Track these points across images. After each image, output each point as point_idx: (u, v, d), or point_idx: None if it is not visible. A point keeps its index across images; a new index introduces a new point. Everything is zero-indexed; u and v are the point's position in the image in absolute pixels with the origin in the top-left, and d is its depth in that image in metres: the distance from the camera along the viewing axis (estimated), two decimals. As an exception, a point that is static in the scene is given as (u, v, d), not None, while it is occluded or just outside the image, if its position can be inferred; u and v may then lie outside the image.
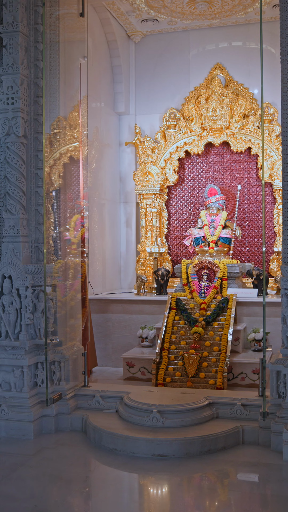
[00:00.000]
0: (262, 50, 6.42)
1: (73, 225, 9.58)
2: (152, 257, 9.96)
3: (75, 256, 8.75)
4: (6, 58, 6.48)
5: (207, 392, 6.68)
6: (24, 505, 4.70)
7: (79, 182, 10.28)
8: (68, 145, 10.02)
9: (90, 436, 6.11)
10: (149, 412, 6.02)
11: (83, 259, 8.42)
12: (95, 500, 4.93)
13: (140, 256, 10.33)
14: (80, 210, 9.70)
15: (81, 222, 9.68)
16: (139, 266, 10.31)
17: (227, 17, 9.83)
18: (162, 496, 4.96)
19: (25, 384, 6.38)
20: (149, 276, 10.03)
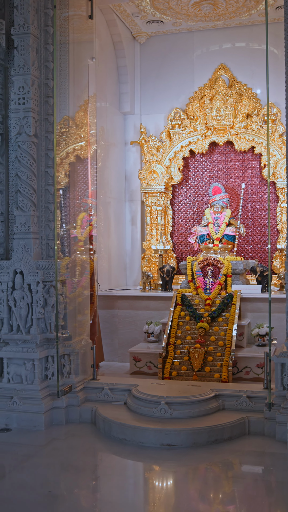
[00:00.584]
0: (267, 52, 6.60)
1: (79, 223, 9.76)
2: (157, 254, 10.14)
3: (82, 253, 8.93)
4: (18, 59, 6.66)
5: (213, 385, 6.85)
6: (39, 491, 4.88)
7: (85, 180, 10.47)
8: (74, 144, 10.20)
9: (99, 427, 6.29)
10: (157, 403, 6.20)
11: (90, 256, 8.60)
12: (105, 486, 5.10)
13: (145, 254, 10.50)
14: (87, 208, 9.88)
15: (88, 220, 9.86)
16: (144, 263, 10.49)
17: (231, 18, 10.00)
18: (170, 483, 5.13)
19: (36, 376, 6.55)
20: (154, 273, 10.20)
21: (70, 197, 9.62)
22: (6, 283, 6.61)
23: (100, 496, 4.93)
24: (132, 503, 4.83)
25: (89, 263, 8.42)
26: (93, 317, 8.14)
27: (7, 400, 6.55)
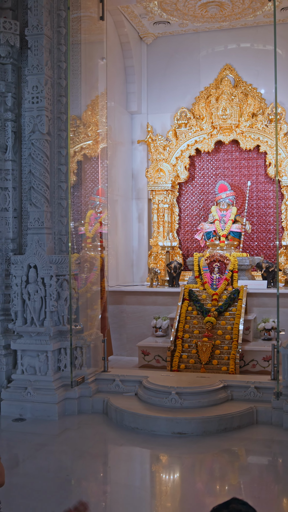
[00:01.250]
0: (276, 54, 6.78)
1: (87, 220, 9.94)
2: (164, 251, 10.31)
3: (90, 249, 9.11)
4: (31, 59, 6.84)
5: (221, 377, 7.03)
6: (57, 475, 5.06)
7: (92, 179, 10.65)
8: (82, 143, 10.38)
9: (111, 417, 6.47)
10: (167, 393, 6.38)
11: (98, 252, 8.77)
12: (118, 471, 5.28)
13: (152, 250, 10.68)
14: (95, 206, 10.06)
15: (96, 217, 10.04)
16: (151, 260, 10.66)
17: (237, 19, 10.18)
18: (182, 468, 5.30)
19: (49, 368, 6.73)
20: (161, 269, 10.37)
21: (77, 195, 9.81)
22: (20, 277, 6.79)
23: (113, 479, 5.10)
24: (142, 486, 5.01)
25: (97, 259, 8.59)
26: (103, 311, 8.31)
27: (21, 391, 6.73)
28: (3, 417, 6.67)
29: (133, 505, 4.50)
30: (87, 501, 2.66)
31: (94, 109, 10.15)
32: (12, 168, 7.22)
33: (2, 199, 7.18)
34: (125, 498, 4.63)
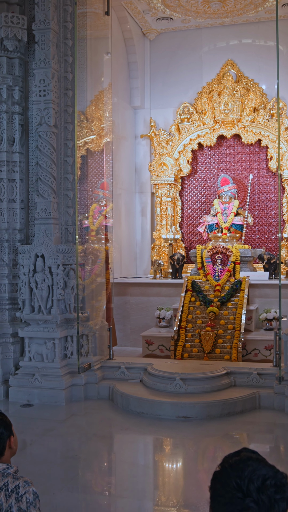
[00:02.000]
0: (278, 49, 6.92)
1: (91, 213, 10.10)
2: (167, 243, 10.47)
3: (94, 242, 9.26)
4: (39, 53, 6.99)
5: (224, 364, 7.19)
6: (66, 455, 5.22)
7: (95, 173, 10.80)
8: (85, 138, 10.53)
9: (117, 402, 6.62)
10: (172, 379, 6.53)
11: (102, 245, 8.92)
12: (125, 451, 5.44)
13: (155, 243, 10.83)
14: (98, 199, 10.22)
15: (99, 210, 10.20)
16: (154, 252, 10.81)
17: (239, 15, 10.32)
18: (185, 450, 5.46)
19: (56, 355, 6.89)
20: (164, 262, 10.52)
21: (81, 189, 9.95)
22: (27, 266, 6.95)
23: (119, 458, 5.26)
24: (146, 464, 5.17)
25: (101, 251, 8.74)
26: (108, 302, 8.46)
27: (29, 377, 6.89)
28: (11, 403, 6.82)
29: (138, 480, 4.68)
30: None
31: (98, 104, 10.30)
32: (20, 160, 7.37)
33: (10, 191, 7.34)
34: (131, 475, 4.80)
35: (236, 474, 1.57)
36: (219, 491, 1.59)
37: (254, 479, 1.55)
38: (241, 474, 1.56)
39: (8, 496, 2.46)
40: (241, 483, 1.54)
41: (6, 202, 7.29)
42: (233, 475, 1.57)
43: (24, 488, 2.49)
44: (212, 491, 1.63)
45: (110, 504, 4.36)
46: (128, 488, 4.60)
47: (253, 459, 1.62)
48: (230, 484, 1.56)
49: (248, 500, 1.52)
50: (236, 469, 1.59)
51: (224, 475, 1.60)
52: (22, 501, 2.45)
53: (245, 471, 1.57)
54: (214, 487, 1.62)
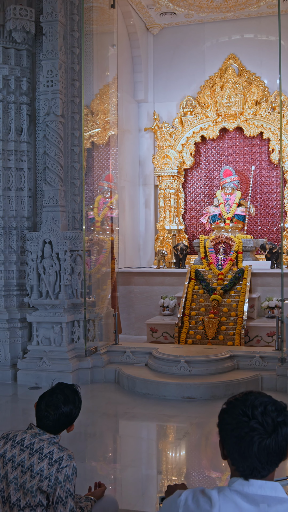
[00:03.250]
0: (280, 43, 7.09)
1: (96, 204, 10.28)
2: (170, 234, 10.64)
3: (99, 233, 9.44)
4: (46, 45, 7.16)
5: (228, 348, 7.36)
6: (76, 430, 5.36)
7: (100, 165, 10.97)
8: (90, 131, 10.69)
9: (123, 385, 6.79)
10: (177, 362, 6.70)
11: (107, 235, 9.09)
12: (130, 427, 5.62)
13: (158, 235, 11.01)
14: (103, 191, 10.39)
15: (104, 202, 10.37)
16: (157, 244, 10.99)
17: (241, 10, 10.49)
18: (189, 427, 5.63)
19: (63, 339, 7.06)
20: (168, 252, 10.69)
21: (86, 182, 10.12)
22: (35, 253, 7.12)
23: (124, 433, 5.45)
24: (149, 437, 5.34)
25: (106, 242, 8.91)
26: (113, 291, 8.63)
27: (37, 361, 7.06)
28: (19, 386, 6.99)
29: (141, 452, 4.87)
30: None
31: (103, 97, 10.47)
32: (27, 150, 7.54)
33: (18, 179, 7.51)
34: (137, 447, 4.99)
35: (241, 403, 1.75)
36: (226, 420, 1.77)
37: (257, 405, 1.73)
38: (245, 403, 1.74)
39: (51, 465, 2.58)
40: (246, 409, 1.73)
41: (14, 191, 7.46)
42: (238, 405, 1.76)
43: (66, 462, 2.60)
44: (220, 423, 1.81)
45: (117, 472, 4.53)
46: (136, 459, 4.78)
47: (254, 392, 1.82)
48: (236, 412, 1.74)
49: (253, 422, 1.70)
50: (241, 400, 1.78)
51: (230, 407, 1.78)
52: (61, 473, 2.57)
53: (248, 400, 1.76)
54: (221, 418, 1.80)
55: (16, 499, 2.59)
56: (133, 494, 4.09)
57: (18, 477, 2.59)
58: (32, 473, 2.56)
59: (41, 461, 2.56)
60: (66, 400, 2.76)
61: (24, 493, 2.57)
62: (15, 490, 2.59)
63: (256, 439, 1.69)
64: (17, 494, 2.58)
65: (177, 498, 1.81)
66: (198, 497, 1.75)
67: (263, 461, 1.70)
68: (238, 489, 1.72)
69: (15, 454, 2.62)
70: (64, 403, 2.74)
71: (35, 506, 2.57)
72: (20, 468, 2.59)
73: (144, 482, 4.44)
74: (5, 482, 2.61)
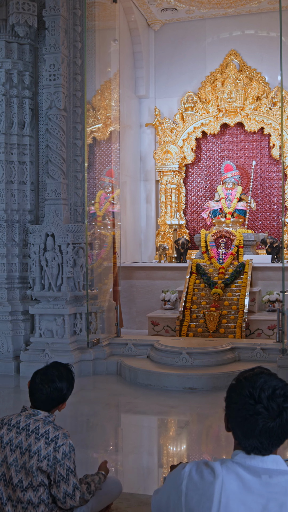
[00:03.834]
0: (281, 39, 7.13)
1: (97, 199, 10.33)
2: (171, 229, 10.69)
3: (100, 227, 9.49)
4: (49, 39, 7.20)
5: (229, 340, 7.41)
6: (79, 419, 5.45)
7: (101, 161, 11.02)
8: (91, 126, 10.75)
9: (125, 376, 6.84)
10: (178, 354, 6.75)
11: (109, 230, 9.15)
12: (132, 416, 5.66)
13: (160, 230, 11.06)
14: (104, 186, 10.44)
15: (105, 197, 10.43)
16: (158, 239, 11.04)
17: (242, 6, 10.53)
18: (190, 416, 5.68)
19: (66, 331, 7.11)
20: (169, 247, 10.75)
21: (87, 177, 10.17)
22: (38, 245, 7.16)
23: (126, 422, 5.50)
24: (149, 426, 5.39)
25: (108, 236, 8.96)
26: (114, 285, 8.67)
27: (39, 352, 7.10)
28: (22, 378, 7.04)
29: (143, 439, 4.94)
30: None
31: (104, 93, 10.52)
32: (30, 143, 7.59)
33: (20, 173, 7.55)
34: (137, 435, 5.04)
35: (249, 385, 1.78)
36: (234, 399, 1.81)
37: (265, 388, 1.76)
38: (254, 385, 1.78)
39: (47, 444, 2.65)
40: (254, 392, 1.76)
41: (17, 184, 7.51)
42: (246, 385, 1.79)
43: (62, 440, 2.68)
44: (227, 400, 1.85)
45: (120, 459, 4.59)
46: (138, 446, 4.84)
47: (265, 373, 1.85)
48: (243, 392, 1.78)
49: (259, 406, 1.74)
50: (250, 380, 1.80)
51: (239, 386, 1.82)
52: (58, 452, 2.65)
53: (258, 382, 1.78)
54: (229, 396, 1.84)
55: (18, 480, 2.65)
56: (136, 479, 4.14)
57: (17, 459, 2.66)
58: (30, 453, 2.63)
59: (37, 441, 2.64)
60: (60, 375, 2.84)
61: (25, 474, 2.64)
62: (16, 472, 2.65)
63: (260, 422, 1.73)
64: (18, 476, 2.65)
65: (181, 470, 1.85)
66: (202, 469, 1.80)
67: (265, 443, 1.74)
68: (240, 461, 1.77)
69: (12, 437, 2.69)
70: (59, 378, 2.82)
71: (37, 486, 2.64)
72: (19, 450, 2.66)
73: (146, 468, 4.49)
74: (5, 465, 2.68)
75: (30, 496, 2.64)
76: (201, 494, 1.73)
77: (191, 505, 1.75)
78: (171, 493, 1.86)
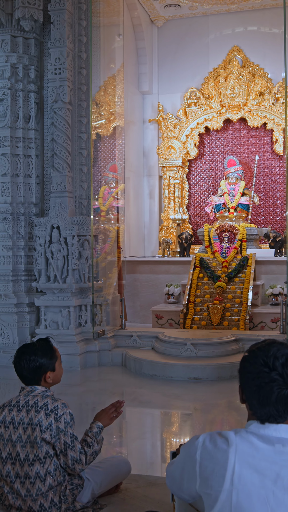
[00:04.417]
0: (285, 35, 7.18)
1: (101, 195, 10.38)
2: (175, 224, 10.75)
3: (104, 222, 9.54)
4: (54, 33, 7.26)
5: (233, 332, 7.46)
6: (85, 407, 5.51)
7: (105, 157, 11.07)
8: (95, 122, 10.80)
9: (130, 367, 6.90)
10: (183, 344, 6.80)
11: (112, 225, 9.20)
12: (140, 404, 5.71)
13: (163, 225, 11.11)
14: (108, 181, 10.50)
15: (109, 192, 10.48)
16: (162, 234, 11.09)
17: (245, 2, 10.59)
18: (194, 405, 5.74)
19: (71, 322, 7.17)
20: (173, 241, 10.80)
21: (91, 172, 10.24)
22: (43, 237, 7.22)
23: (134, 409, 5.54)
24: (153, 412, 5.44)
25: (111, 231, 9.02)
26: (118, 279, 8.72)
27: (45, 344, 7.15)
28: (28, 369, 7.08)
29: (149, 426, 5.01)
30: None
31: (107, 89, 10.58)
32: (35, 137, 7.65)
33: (26, 166, 7.61)
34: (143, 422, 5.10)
35: (263, 354, 1.84)
36: (247, 369, 1.86)
37: (278, 356, 1.82)
38: (267, 353, 1.83)
39: (47, 415, 2.74)
40: (268, 360, 1.82)
41: (22, 177, 7.57)
42: (260, 355, 1.84)
43: (62, 410, 2.77)
44: (241, 370, 1.90)
45: (126, 444, 4.64)
46: (144, 432, 4.90)
47: (276, 342, 1.90)
48: (257, 362, 1.83)
49: (273, 373, 1.79)
50: (263, 350, 1.86)
51: (252, 356, 1.87)
52: (60, 421, 2.74)
53: (271, 351, 1.84)
54: (243, 366, 1.89)
55: (25, 455, 2.75)
56: (142, 462, 4.20)
57: (21, 435, 2.75)
58: (33, 426, 2.73)
59: (38, 414, 2.74)
60: (34, 349, 2.92)
61: (31, 447, 2.73)
62: (22, 447, 2.75)
63: (276, 389, 1.78)
64: (25, 450, 2.74)
65: (195, 440, 1.91)
66: (215, 438, 1.85)
67: (280, 410, 1.79)
68: (254, 430, 1.82)
69: (13, 416, 2.80)
70: (33, 351, 2.90)
71: (44, 458, 2.73)
72: (22, 426, 2.76)
73: (152, 453, 4.55)
74: (11, 444, 2.78)
75: (37, 469, 2.73)
76: (215, 462, 1.78)
77: (206, 473, 1.81)
78: (186, 463, 1.91)
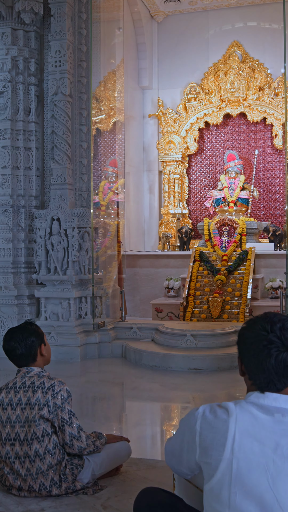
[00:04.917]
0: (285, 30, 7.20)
1: (101, 189, 10.41)
2: (175, 218, 10.77)
3: (104, 217, 9.56)
4: (54, 25, 7.28)
5: (232, 324, 7.48)
6: (87, 396, 5.53)
7: (105, 152, 11.09)
8: (94, 117, 10.81)
9: (130, 358, 6.92)
10: (183, 336, 6.82)
11: (112, 219, 9.22)
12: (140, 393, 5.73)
13: (163, 219, 11.13)
14: (108, 176, 10.51)
15: (109, 186, 10.51)
16: (162, 228, 11.12)
17: (245, -3, 10.61)
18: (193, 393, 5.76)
19: (71, 314, 7.19)
20: (172, 236, 10.82)
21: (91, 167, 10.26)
22: (44, 229, 7.24)
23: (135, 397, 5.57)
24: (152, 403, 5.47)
25: (111, 225, 9.04)
26: (118, 273, 8.74)
27: (45, 335, 7.17)
28: (28, 360, 7.10)
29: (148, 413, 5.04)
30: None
31: (107, 84, 10.59)
32: (35, 130, 7.67)
33: (26, 159, 7.63)
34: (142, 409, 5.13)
35: (261, 320, 1.87)
36: (246, 335, 1.88)
37: (276, 321, 1.85)
38: (265, 319, 1.86)
39: (45, 393, 2.80)
40: (265, 324, 1.84)
41: (23, 170, 7.59)
42: (258, 321, 1.87)
43: (59, 387, 2.84)
44: (239, 338, 1.92)
45: (126, 430, 4.66)
46: (144, 419, 4.93)
47: (273, 312, 1.93)
48: (256, 327, 1.86)
49: (271, 335, 1.82)
50: (261, 317, 1.89)
51: (251, 323, 1.90)
52: (57, 398, 2.80)
53: (268, 317, 1.87)
54: (241, 334, 1.92)
55: (24, 434, 2.79)
56: (142, 447, 4.22)
57: (20, 415, 2.79)
58: (31, 405, 2.77)
59: (35, 393, 2.78)
60: (16, 331, 3.00)
61: (29, 426, 2.77)
62: (21, 427, 2.79)
63: (274, 351, 1.79)
64: (24, 430, 2.78)
65: (194, 411, 1.92)
66: (215, 409, 1.86)
67: (279, 374, 1.80)
68: (254, 401, 1.83)
69: (11, 397, 2.84)
70: (15, 334, 2.97)
71: (41, 437, 2.77)
72: (20, 407, 2.80)
73: (151, 438, 4.57)
74: (10, 425, 2.82)
75: (36, 448, 2.77)
76: (215, 432, 1.80)
77: (205, 443, 1.82)
78: (185, 434, 1.93)
